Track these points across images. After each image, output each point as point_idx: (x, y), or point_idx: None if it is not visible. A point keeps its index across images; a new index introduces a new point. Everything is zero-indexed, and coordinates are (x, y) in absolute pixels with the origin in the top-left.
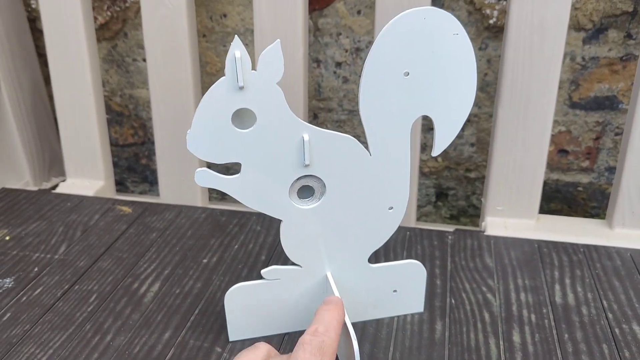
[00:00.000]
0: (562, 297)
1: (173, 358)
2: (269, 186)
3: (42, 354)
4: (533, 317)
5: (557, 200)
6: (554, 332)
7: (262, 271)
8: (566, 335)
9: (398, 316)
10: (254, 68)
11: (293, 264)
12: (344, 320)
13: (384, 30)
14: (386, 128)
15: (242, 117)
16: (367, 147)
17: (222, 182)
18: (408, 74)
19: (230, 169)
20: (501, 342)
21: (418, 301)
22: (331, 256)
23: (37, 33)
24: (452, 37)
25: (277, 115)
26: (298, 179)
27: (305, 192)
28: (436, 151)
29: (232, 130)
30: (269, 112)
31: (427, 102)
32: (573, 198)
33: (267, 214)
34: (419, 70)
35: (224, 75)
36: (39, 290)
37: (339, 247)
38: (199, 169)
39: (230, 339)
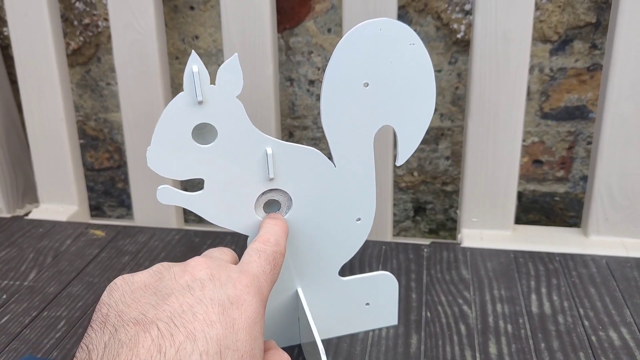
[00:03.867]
0: (539, 307)
1: None
2: (234, 202)
3: None
4: (509, 327)
5: (535, 211)
6: (531, 342)
7: None
8: (542, 345)
9: (373, 331)
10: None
11: None
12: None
13: (341, 43)
14: (349, 139)
15: (203, 133)
16: (331, 158)
17: (185, 199)
18: (367, 84)
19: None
20: (477, 354)
21: (391, 313)
22: (301, 271)
23: (9, 60)
24: (409, 47)
25: (238, 129)
26: (263, 193)
27: (272, 206)
28: (400, 161)
29: (193, 146)
30: (230, 126)
31: (388, 112)
32: (551, 208)
33: (233, 230)
34: (378, 81)
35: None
36: (5, 318)
37: (309, 261)
38: (161, 186)
39: None
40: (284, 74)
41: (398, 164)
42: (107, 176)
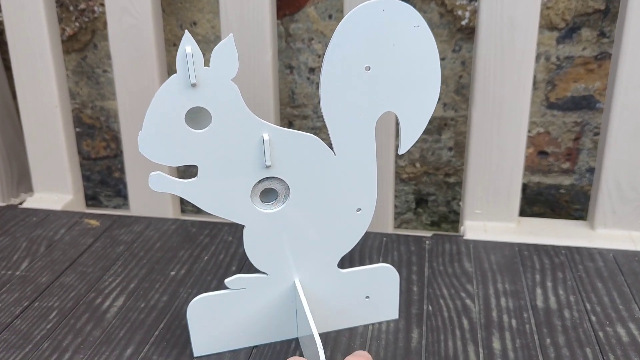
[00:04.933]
0: (544, 301)
1: None
2: (229, 190)
3: None
4: (514, 322)
5: (539, 203)
6: (535, 337)
7: (226, 280)
8: (548, 340)
9: (373, 325)
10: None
11: (259, 271)
12: None
13: (341, 24)
14: (349, 126)
15: (196, 117)
16: (331, 146)
17: (178, 187)
18: (369, 68)
19: None
20: (480, 350)
21: (392, 307)
22: (299, 262)
23: (3, 46)
24: (412, 29)
25: (233, 114)
26: (260, 182)
27: (269, 195)
28: (402, 149)
29: (185, 131)
30: (225, 111)
31: (390, 98)
32: (556, 201)
33: (228, 219)
34: (381, 64)
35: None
36: None
37: (307, 252)
38: (153, 173)
39: (195, 354)
40: (284, 62)
41: (400, 152)
42: (103, 165)
